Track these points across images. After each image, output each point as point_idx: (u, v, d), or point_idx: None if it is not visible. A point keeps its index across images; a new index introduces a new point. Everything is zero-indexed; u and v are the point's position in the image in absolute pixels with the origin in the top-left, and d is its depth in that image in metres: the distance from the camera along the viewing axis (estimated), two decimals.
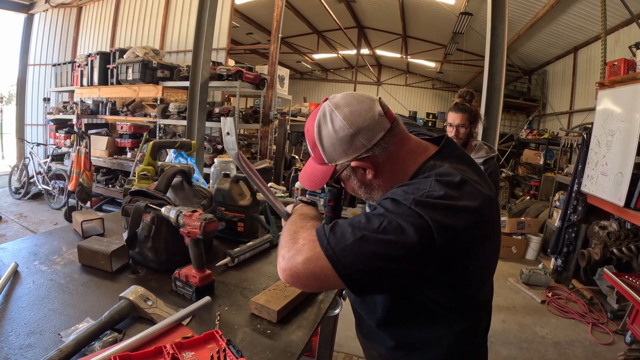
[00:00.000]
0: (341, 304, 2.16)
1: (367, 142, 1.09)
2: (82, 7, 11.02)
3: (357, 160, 1.11)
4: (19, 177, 9.09)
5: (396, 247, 0.91)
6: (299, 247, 1.00)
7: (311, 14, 13.58)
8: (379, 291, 1.03)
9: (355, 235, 0.94)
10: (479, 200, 1.00)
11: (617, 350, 4.06)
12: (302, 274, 0.96)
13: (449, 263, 0.95)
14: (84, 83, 8.70)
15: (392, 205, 0.98)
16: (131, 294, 1.27)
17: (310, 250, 0.97)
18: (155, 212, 1.57)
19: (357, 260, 0.93)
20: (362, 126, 1.08)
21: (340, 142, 1.10)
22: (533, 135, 10.88)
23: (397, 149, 1.13)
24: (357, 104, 1.11)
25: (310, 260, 0.96)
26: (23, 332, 1.16)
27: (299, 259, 0.97)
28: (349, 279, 0.94)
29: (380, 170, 1.14)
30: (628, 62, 4.87)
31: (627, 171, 4.41)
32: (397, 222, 0.93)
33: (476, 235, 0.99)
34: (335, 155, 1.12)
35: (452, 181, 1.01)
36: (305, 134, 1.21)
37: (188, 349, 1.05)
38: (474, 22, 9.77)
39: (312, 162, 1.23)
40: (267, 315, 1.34)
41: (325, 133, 1.12)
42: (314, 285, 0.99)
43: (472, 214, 0.97)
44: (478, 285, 1.16)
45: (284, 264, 0.99)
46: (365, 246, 0.93)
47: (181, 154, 2.73)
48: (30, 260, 1.66)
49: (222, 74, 6.79)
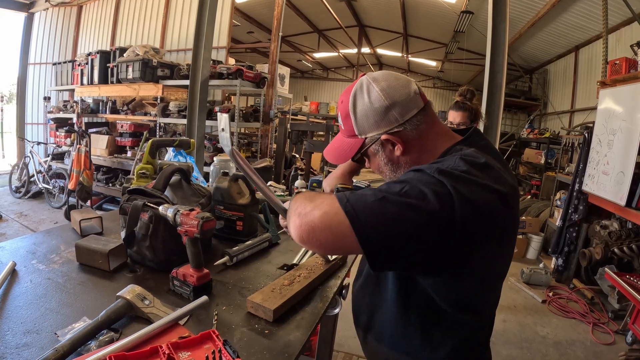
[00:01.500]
0: (341, 303, 2.15)
1: (400, 117, 1.10)
2: (83, 5, 11.02)
3: (388, 134, 1.12)
4: (19, 176, 9.10)
5: (417, 212, 0.89)
6: (317, 204, 0.97)
7: (312, 12, 13.57)
8: (395, 261, 0.97)
9: (376, 196, 0.92)
10: (501, 185, 0.99)
11: (618, 350, 4.06)
12: (318, 228, 0.93)
13: (466, 241, 0.93)
14: (84, 82, 8.70)
15: (415, 174, 0.97)
16: (128, 293, 1.26)
17: (329, 206, 0.94)
18: (152, 211, 1.56)
19: (376, 221, 0.90)
20: (397, 100, 1.10)
21: (375, 113, 1.11)
22: (534, 135, 10.88)
23: (427, 128, 1.14)
24: (394, 80, 1.13)
25: (328, 214, 0.93)
26: (19, 331, 1.15)
27: (317, 213, 0.94)
28: (366, 241, 0.90)
29: (409, 148, 1.15)
30: (629, 61, 4.88)
31: (628, 170, 4.41)
32: (419, 188, 0.92)
33: (496, 219, 0.97)
34: (367, 126, 1.13)
35: (476, 162, 1.01)
36: (338, 105, 1.22)
37: (184, 349, 1.04)
38: (475, 21, 9.77)
39: (340, 136, 1.24)
40: (263, 314, 1.33)
41: (360, 103, 1.13)
42: (329, 243, 0.94)
43: (494, 194, 0.96)
44: (487, 286, 1.15)
45: (300, 219, 0.96)
46: (386, 207, 0.90)
47: (180, 152, 2.72)
48: (28, 259, 1.65)
49: (223, 73, 6.79)
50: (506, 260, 1.15)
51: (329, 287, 1.63)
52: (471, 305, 1.15)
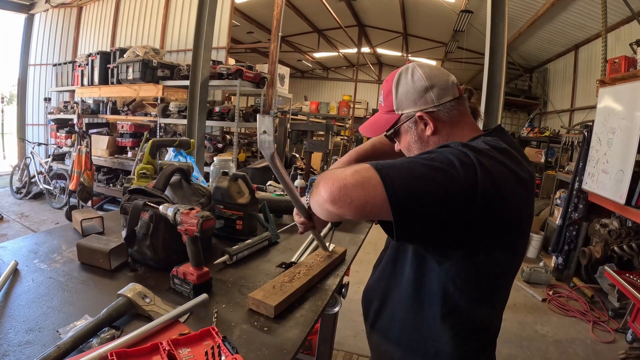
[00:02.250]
0: (340, 302, 2.16)
1: (437, 99, 1.21)
2: (83, 7, 11.05)
3: (422, 112, 1.22)
4: (20, 176, 9.13)
5: (444, 175, 0.95)
6: (350, 167, 1.01)
7: (311, 12, 13.60)
8: (418, 226, 0.99)
9: (404, 160, 1.00)
10: (521, 170, 1.06)
11: (618, 349, 4.07)
12: (350, 184, 0.96)
13: (485, 215, 0.98)
14: (85, 83, 8.72)
15: (440, 147, 1.06)
16: (129, 292, 1.27)
17: (361, 166, 0.99)
18: (153, 210, 1.57)
19: (405, 179, 0.95)
20: (436, 83, 1.22)
21: (414, 90, 1.22)
22: (534, 134, 10.87)
23: (458, 116, 1.24)
24: (436, 69, 1.26)
25: (359, 172, 0.97)
26: (22, 329, 1.17)
27: (349, 171, 0.99)
28: (395, 200, 0.93)
29: (439, 130, 1.24)
30: (629, 59, 4.87)
31: (628, 169, 4.41)
32: (445, 155, 0.98)
33: (514, 202, 1.04)
34: (405, 103, 1.24)
35: (498, 145, 1.08)
36: (383, 84, 1.34)
37: (184, 346, 1.05)
38: (475, 20, 9.79)
39: (378, 113, 1.35)
40: (264, 310, 1.34)
41: (403, 82, 1.25)
42: (360, 201, 0.96)
43: (513, 174, 1.03)
44: (498, 280, 1.20)
45: (331, 180, 1.00)
46: (415, 168, 0.96)
47: (180, 152, 2.74)
48: (30, 259, 1.66)
49: (222, 73, 6.81)
50: (518, 254, 1.20)
51: (328, 285, 1.64)
52: (482, 298, 1.19)
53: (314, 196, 1.07)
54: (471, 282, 1.15)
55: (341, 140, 14.25)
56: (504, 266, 1.17)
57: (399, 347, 1.34)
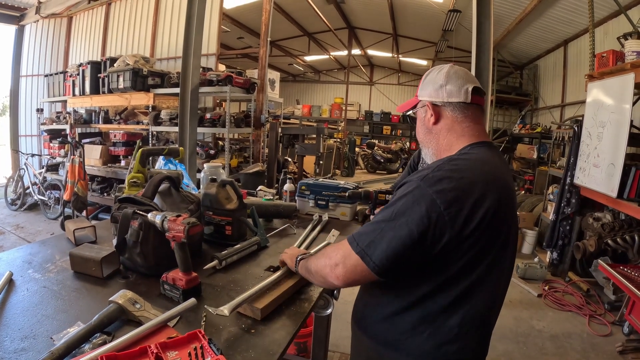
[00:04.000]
0: (332, 304, 2.19)
1: (447, 97, 1.38)
2: (73, 16, 11.04)
3: (430, 102, 1.41)
4: (14, 188, 9.11)
5: (408, 226, 1.16)
6: (335, 256, 1.30)
7: (301, 16, 13.63)
8: (406, 269, 1.25)
9: (375, 229, 1.22)
10: (483, 176, 1.25)
11: (615, 342, 4.07)
12: (349, 275, 1.25)
13: (457, 225, 1.17)
14: (76, 93, 8.72)
15: (403, 190, 1.25)
16: (120, 298, 1.31)
17: (344, 253, 1.26)
18: (142, 218, 1.61)
19: (380, 250, 1.18)
20: (451, 84, 1.37)
21: (433, 83, 1.41)
22: (526, 130, 10.92)
23: (461, 118, 1.39)
24: (462, 72, 1.41)
25: (345, 259, 1.25)
26: (17, 337, 1.21)
27: (339, 268, 1.27)
28: (379, 270, 1.20)
29: (440, 122, 1.41)
30: (617, 53, 4.88)
31: (618, 162, 4.41)
32: (406, 202, 1.20)
33: (478, 202, 1.20)
34: (424, 92, 1.44)
35: (457, 166, 1.27)
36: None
37: (172, 349, 1.09)
38: (463, 19, 9.83)
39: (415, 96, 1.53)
40: (251, 313, 1.38)
41: (430, 76, 1.44)
42: (356, 282, 1.29)
43: (473, 183, 1.22)
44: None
45: (331, 272, 1.29)
46: (385, 235, 1.19)
47: (170, 160, 2.76)
48: (24, 269, 1.70)
49: (212, 80, 6.85)
50: (504, 258, 1.35)
51: (315, 287, 1.69)
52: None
53: (324, 278, 1.35)
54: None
55: (334, 142, 14.29)
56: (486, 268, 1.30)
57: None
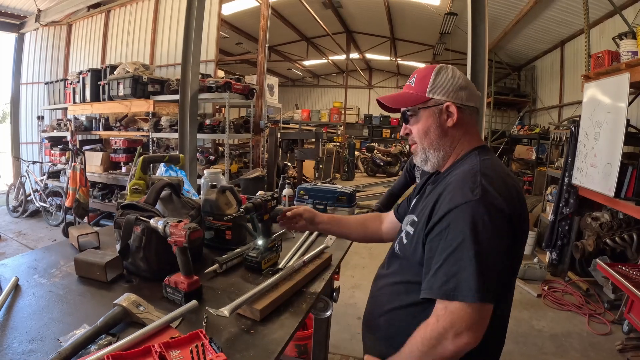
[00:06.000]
0: (332, 306, 2.23)
1: (466, 100, 1.40)
2: (72, 24, 11.10)
3: (452, 102, 1.38)
4: (16, 195, 9.16)
5: (498, 235, 1.19)
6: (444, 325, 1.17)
7: (299, 21, 13.70)
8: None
9: (470, 260, 1.15)
10: (515, 186, 1.31)
11: (614, 340, 4.08)
12: (464, 331, 1.14)
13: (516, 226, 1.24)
14: (77, 100, 8.77)
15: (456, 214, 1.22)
16: (124, 301, 1.36)
17: (452, 313, 1.16)
18: (144, 224, 1.66)
19: (487, 278, 1.15)
20: (470, 87, 1.42)
21: (451, 84, 1.39)
22: (524, 131, 10.96)
23: (472, 122, 1.45)
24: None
25: (456, 330, 1.15)
26: (25, 339, 1.26)
27: (459, 340, 1.15)
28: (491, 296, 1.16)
29: (458, 125, 1.40)
30: (612, 53, 4.91)
31: (615, 161, 4.43)
32: (481, 217, 1.18)
33: (525, 205, 1.32)
34: (440, 90, 1.39)
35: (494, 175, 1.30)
36: (418, 70, 1.49)
37: (174, 348, 1.15)
38: (460, 22, 9.89)
39: (405, 90, 1.48)
40: (250, 314, 1.42)
41: (443, 75, 1.41)
42: (482, 329, 1.16)
43: (516, 193, 1.29)
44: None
45: (455, 340, 1.15)
46: (486, 258, 1.16)
47: (171, 167, 2.81)
48: (30, 274, 1.75)
49: (212, 86, 6.90)
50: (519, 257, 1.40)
51: (313, 289, 1.74)
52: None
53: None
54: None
55: (334, 146, 14.33)
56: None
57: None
